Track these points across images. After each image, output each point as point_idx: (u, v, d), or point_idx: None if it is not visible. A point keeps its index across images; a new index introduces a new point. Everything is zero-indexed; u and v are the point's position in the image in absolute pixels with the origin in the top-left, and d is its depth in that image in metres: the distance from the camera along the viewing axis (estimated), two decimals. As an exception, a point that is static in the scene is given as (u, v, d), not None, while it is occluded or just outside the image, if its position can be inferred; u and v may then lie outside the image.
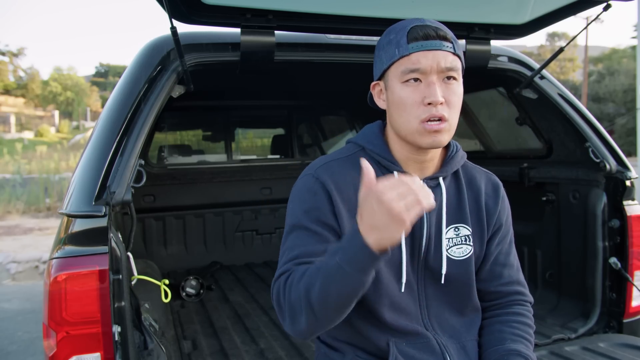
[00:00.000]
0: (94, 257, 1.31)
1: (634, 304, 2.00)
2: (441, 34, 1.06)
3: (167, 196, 3.47)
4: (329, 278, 0.92)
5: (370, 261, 0.89)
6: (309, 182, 1.12)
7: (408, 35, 1.06)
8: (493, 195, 1.24)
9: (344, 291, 0.93)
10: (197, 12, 1.58)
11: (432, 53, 1.05)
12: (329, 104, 4.03)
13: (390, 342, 1.12)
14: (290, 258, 1.06)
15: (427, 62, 1.04)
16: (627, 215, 1.98)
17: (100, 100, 42.78)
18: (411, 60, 1.05)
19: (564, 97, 2.11)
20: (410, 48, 1.05)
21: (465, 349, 1.18)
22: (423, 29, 1.06)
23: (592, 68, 33.75)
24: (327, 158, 1.18)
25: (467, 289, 1.19)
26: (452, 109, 1.07)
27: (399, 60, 1.07)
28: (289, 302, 1.00)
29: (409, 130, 1.08)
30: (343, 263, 0.90)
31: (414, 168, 1.15)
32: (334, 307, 0.96)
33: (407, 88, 1.06)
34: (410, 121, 1.06)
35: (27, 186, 11.36)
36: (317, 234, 1.08)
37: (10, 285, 5.53)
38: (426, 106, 1.05)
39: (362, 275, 0.90)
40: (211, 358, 2.06)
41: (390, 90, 1.10)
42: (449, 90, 1.07)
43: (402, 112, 1.08)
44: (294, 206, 1.12)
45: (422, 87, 1.05)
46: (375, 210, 0.85)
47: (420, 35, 1.05)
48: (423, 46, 1.05)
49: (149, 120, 1.51)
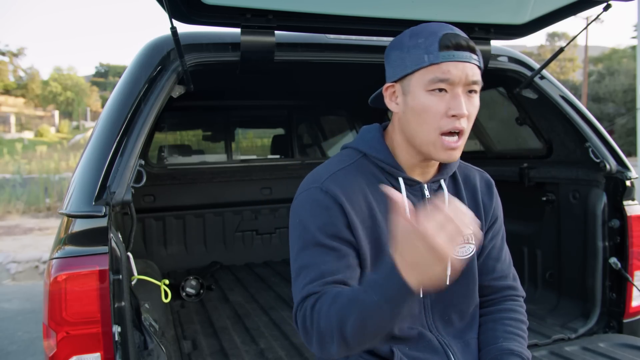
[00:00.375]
0: (94, 257, 1.31)
1: (634, 304, 2.00)
2: (471, 46, 1.04)
3: (167, 196, 3.47)
4: (366, 314, 0.89)
5: (410, 299, 0.85)
6: (319, 196, 1.07)
7: (440, 42, 1.02)
8: (487, 192, 1.25)
9: (382, 325, 0.90)
10: (197, 12, 1.58)
11: (462, 64, 1.02)
12: (329, 104, 4.03)
13: (394, 348, 1.12)
14: (312, 279, 1.01)
15: (456, 74, 1.02)
16: (627, 215, 1.98)
17: (100, 100, 42.78)
18: (441, 69, 1.02)
19: (564, 97, 2.11)
20: (442, 57, 1.01)
21: (469, 346, 1.19)
22: (455, 38, 1.03)
23: (592, 68, 33.74)
24: (331, 168, 1.13)
25: (471, 288, 1.20)
26: (470, 122, 1.06)
27: (427, 67, 1.03)
28: (317, 330, 0.96)
29: (425, 141, 1.06)
30: (382, 302, 0.86)
31: (417, 173, 1.15)
32: (369, 339, 0.94)
33: (433, 97, 1.03)
34: (430, 132, 1.04)
35: (27, 186, 11.36)
36: (336, 250, 1.04)
37: (10, 285, 5.53)
38: (449, 118, 1.03)
39: (401, 309, 0.87)
40: (211, 358, 2.06)
41: (412, 96, 1.06)
42: (471, 104, 1.05)
43: (423, 122, 1.05)
44: (305, 222, 1.07)
45: (448, 98, 1.03)
46: (417, 245, 0.79)
47: (453, 44, 1.02)
48: (455, 56, 1.02)
49: (149, 120, 1.51)
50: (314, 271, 1.02)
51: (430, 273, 0.82)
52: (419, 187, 1.15)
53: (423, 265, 0.81)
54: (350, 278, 1.03)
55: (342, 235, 1.05)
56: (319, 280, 1.01)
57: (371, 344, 0.96)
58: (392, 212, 0.85)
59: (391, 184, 1.13)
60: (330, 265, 1.02)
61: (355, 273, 1.05)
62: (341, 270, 1.02)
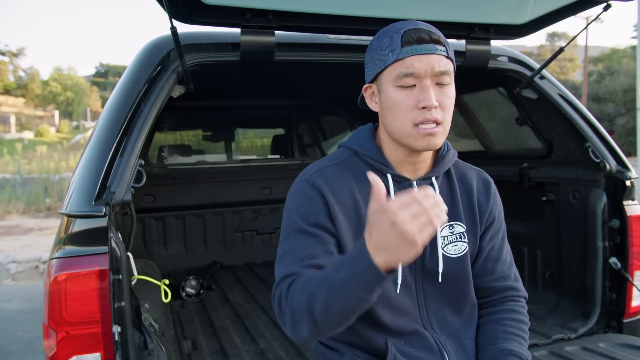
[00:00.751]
0: (94, 257, 1.31)
1: (634, 304, 2.00)
2: (435, 38, 1.06)
3: (167, 196, 3.47)
4: (333, 293, 0.91)
5: (376, 280, 0.87)
6: (305, 188, 1.12)
7: (402, 38, 1.05)
8: (484, 192, 1.25)
9: (347, 307, 0.91)
10: (197, 12, 1.58)
11: (426, 57, 1.04)
12: (329, 104, 4.03)
13: (388, 342, 1.13)
14: (292, 262, 1.05)
15: (421, 66, 1.04)
16: (627, 215, 1.98)
17: (100, 100, 42.79)
18: (405, 64, 1.05)
19: (564, 97, 2.11)
20: (405, 52, 1.05)
21: (464, 347, 1.18)
22: (417, 32, 1.05)
23: (592, 68, 33.74)
24: (321, 164, 1.18)
25: (464, 286, 1.20)
26: (445, 112, 1.07)
27: (392, 64, 1.06)
28: (290, 308, 0.98)
29: (402, 134, 1.08)
30: (349, 280, 0.88)
31: (407, 170, 1.16)
32: (336, 321, 0.94)
33: (401, 92, 1.06)
34: (404, 125, 1.07)
35: (27, 186, 11.36)
36: (316, 236, 1.07)
37: (10, 285, 5.53)
38: (420, 110, 1.05)
39: (367, 293, 0.88)
40: (211, 358, 2.06)
41: (384, 93, 1.10)
42: (443, 94, 1.07)
43: (396, 116, 1.08)
44: (291, 211, 1.12)
45: (417, 91, 1.05)
46: (386, 230, 0.82)
47: (414, 39, 1.05)
48: (417, 50, 1.04)
49: (149, 120, 1.51)
50: (295, 255, 1.06)
51: (399, 258, 0.84)
52: (407, 184, 1.16)
53: (392, 249, 0.83)
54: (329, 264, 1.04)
55: (323, 223, 1.08)
56: (297, 264, 1.04)
57: (339, 327, 0.96)
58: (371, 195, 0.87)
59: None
60: (310, 250, 1.06)
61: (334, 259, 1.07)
62: (320, 255, 1.05)
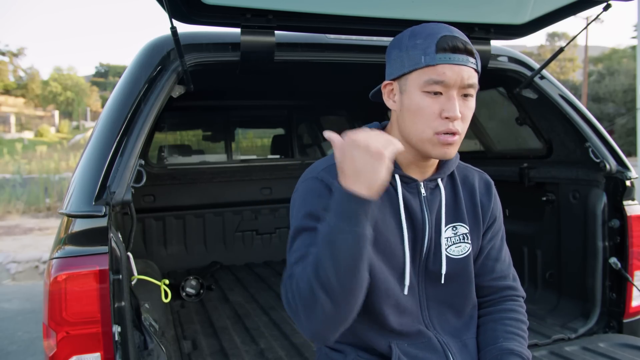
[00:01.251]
0: (94, 257, 1.31)
1: (634, 304, 2.00)
2: (469, 49, 1.05)
3: (167, 196, 3.47)
4: (332, 245, 0.90)
5: (361, 208, 0.91)
6: (313, 185, 1.10)
7: (437, 44, 1.03)
8: (486, 193, 1.25)
9: (349, 252, 0.90)
10: (197, 12, 1.58)
11: (458, 67, 1.03)
12: (329, 104, 4.03)
13: (392, 343, 1.13)
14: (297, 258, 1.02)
15: (452, 76, 1.03)
16: (627, 215, 1.98)
17: (100, 100, 42.78)
18: (437, 71, 1.03)
19: (564, 97, 2.11)
20: (438, 59, 1.03)
21: (467, 346, 1.18)
22: (453, 40, 1.04)
23: (592, 68, 33.74)
24: (328, 161, 1.15)
25: (466, 287, 1.20)
26: (465, 124, 1.07)
27: (423, 69, 1.04)
28: (299, 295, 0.94)
29: (420, 139, 1.07)
30: (339, 222, 0.91)
31: (414, 171, 1.16)
32: (347, 277, 0.91)
33: (427, 98, 1.05)
34: (425, 131, 1.06)
35: (27, 186, 11.35)
36: None
37: (10, 285, 5.53)
38: (443, 119, 1.04)
39: (359, 226, 0.91)
40: (211, 358, 2.06)
41: (408, 95, 1.08)
42: (465, 106, 1.06)
43: (418, 121, 1.06)
44: (297, 210, 1.09)
45: (442, 100, 1.04)
46: (354, 154, 0.91)
47: (450, 47, 1.03)
48: (451, 59, 1.03)
49: (149, 120, 1.51)
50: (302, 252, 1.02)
51: (373, 176, 0.91)
52: (415, 184, 1.15)
53: (364, 171, 0.91)
54: None
55: None
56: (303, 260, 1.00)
57: (354, 284, 0.92)
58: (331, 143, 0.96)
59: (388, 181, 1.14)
60: None
61: None
62: None
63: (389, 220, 1.12)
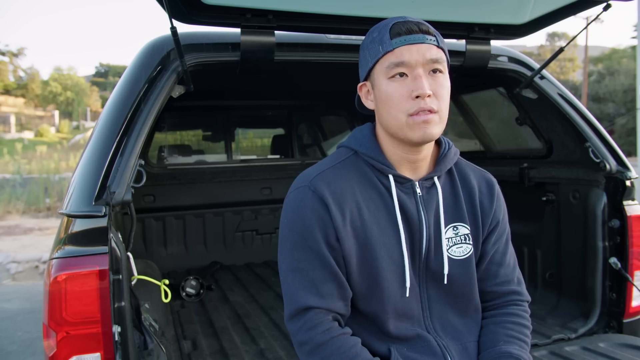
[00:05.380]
0: (94, 257, 1.31)
1: (634, 304, 2.00)
2: (423, 29, 1.07)
3: (167, 196, 3.47)
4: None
5: None
6: (306, 196, 1.09)
7: (390, 31, 1.06)
8: (488, 194, 1.23)
9: None
10: (197, 12, 1.58)
11: (415, 47, 1.05)
12: (329, 104, 4.03)
13: (391, 348, 1.12)
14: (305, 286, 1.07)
15: (411, 55, 1.04)
16: (627, 215, 1.98)
17: (100, 100, 42.79)
18: (395, 54, 1.05)
19: (564, 97, 2.10)
20: (394, 43, 1.05)
21: (467, 350, 1.17)
22: (405, 24, 1.07)
23: (592, 68, 33.73)
24: (321, 167, 1.15)
25: (468, 289, 1.18)
26: (441, 101, 1.06)
27: (383, 57, 1.07)
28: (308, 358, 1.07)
29: (398, 126, 1.07)
30: None
31: (407, 169, 1.14)
32: None
33: (394, 83, 1.06)
34: (399, 116, 1.06)
35: (27, 186, 11.35)
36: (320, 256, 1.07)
37: (10, 285, 5.53)
38: (414, 100, 1.04)
39: None
40: (211, 358, 2.06)
41: (377, 87, 1.10)
42: (436, 83, 1.06)
43: (390, 108, 1.07)
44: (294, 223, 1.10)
45: (409, 81, 1.05)
46: None
47: (403, 30, 1.06)
48: (406, 40, 1.05)
49: (149, 120, 1.51)
50: (305, 278, 1.07)
51: None
52: (409, 184, 1.14)
53: None
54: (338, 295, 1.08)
55: (328, 238, 1.08)
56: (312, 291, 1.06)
57: None
58: None
59: (381, 181, 1.13)
60: (318, 274, 1.07)
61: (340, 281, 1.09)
62: (327, 280, 1.07)
63: (385, 222, 1.11)
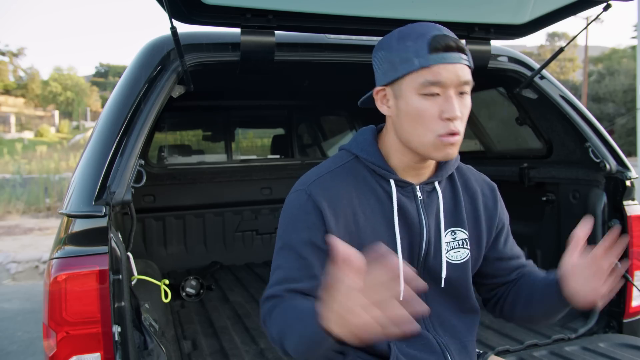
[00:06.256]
0: (94, 257, 1.31)
1: (634, 304, 2.00)
2: (460, 46, 1.03)
3: (167, 196, 3.47)
4: (295, 340, 0.97)
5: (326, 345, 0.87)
6: (302, 200, 1.09)
7: (429, 44, 1.01)
8: (491, 197, 1.24)
9: (311, 353, 0.95)
10: (197, 12, 1.58)
11: (452, 66, 1.01)
12: (329, 104, 4.03)
13: (391, 344, 1.13)
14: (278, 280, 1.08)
15: (448, 76, 1.01)
16: (627, 215, 1.98)
17: (100, 100, 42.82)
18: (432, 72, 1.00)
19: (564, 97, 2.10)
20: (432, 59, 1.00)
21: (467, 348, 1.18)
22: (444, 39, 1.02)
23: (592, 68, 33.75)
24: (320, 171, 1.14)
25: (464, 292, 1.19)
26: (463, 123, 1.06)
27: (418, 71, 1.02)
28: (270, 334, 1.07)
29: (422, 144, 1.05)
30: (302, 337, 0.93)
31: (410, 175, 1.14)
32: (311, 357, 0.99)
33: (425, 101, 1.02)
34: (426, 135, 1.03)
35: (27, 186, 11.34)
36: (303, 258, 1.06)
37: (10, 285, 5.53)
38: (444, 121, 1.02)
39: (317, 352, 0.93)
40: (211, 358, 2.06)
41: (404, 100, 1.05)
42: (463, 105, 1.05)
43: (418, 124, 1.04)
44: (285, 223, 1.11)
45: (441, 101, 1.02)
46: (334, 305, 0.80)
47: (442, 47, 1.01)
48: (444, 59, 1.01)
49: (149, 120, 1.51)
50: (281, 274, 1.08)
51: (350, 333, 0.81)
52: (410, 188, 1.14)
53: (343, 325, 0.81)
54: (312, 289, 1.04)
55: (316, 242, 1.06)
56: (282, 285, 1.07)
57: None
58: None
59: (381, 186, 1.13)
60: (295, 272, 1.07)
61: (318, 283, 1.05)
62: (304, 279, 1.06)
63: (381, 228, 1.11)
